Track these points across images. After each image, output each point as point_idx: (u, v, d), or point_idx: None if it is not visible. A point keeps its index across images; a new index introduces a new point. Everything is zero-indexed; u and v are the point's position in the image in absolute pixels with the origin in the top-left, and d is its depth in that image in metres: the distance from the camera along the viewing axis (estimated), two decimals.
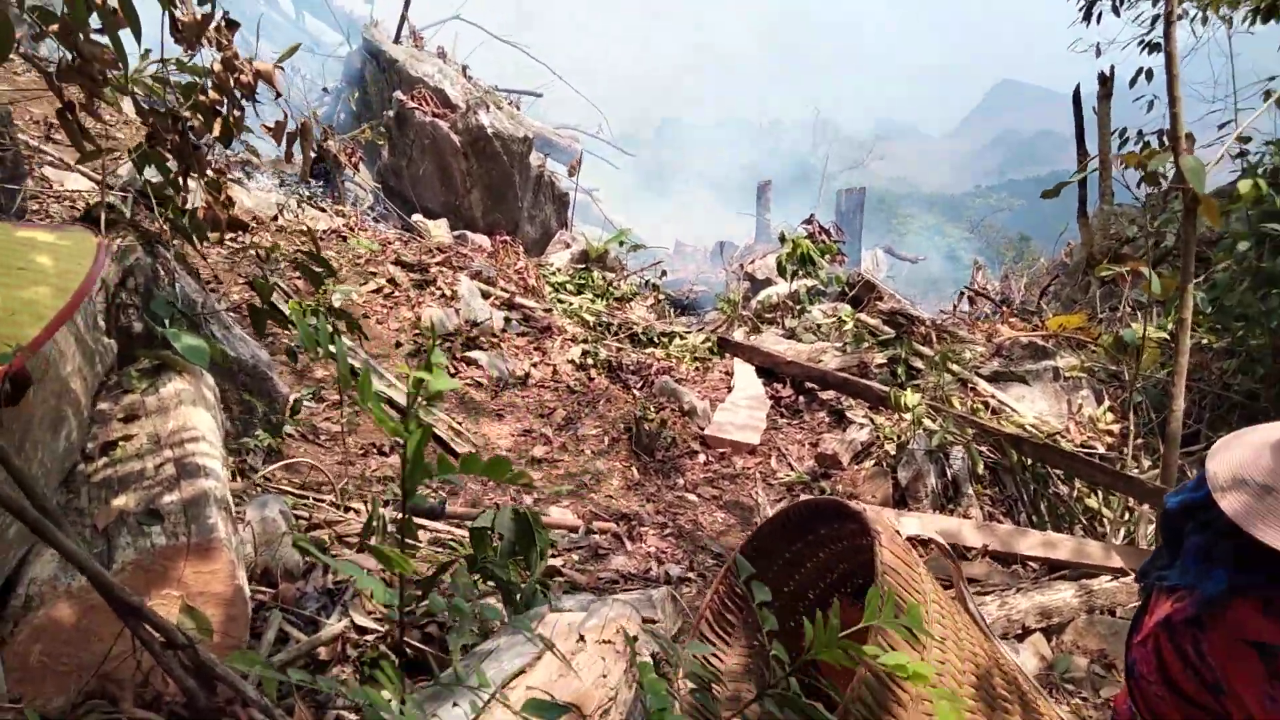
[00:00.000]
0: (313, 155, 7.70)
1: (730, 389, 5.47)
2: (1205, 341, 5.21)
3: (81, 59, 2.42)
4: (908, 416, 4.24)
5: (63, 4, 2.34)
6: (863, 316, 6.45)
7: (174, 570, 1.78)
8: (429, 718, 1.50)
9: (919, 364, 5.38)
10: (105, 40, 2.46)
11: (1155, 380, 4.90)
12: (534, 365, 5.28)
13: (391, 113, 8.86)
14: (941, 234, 31.55)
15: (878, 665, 1.78)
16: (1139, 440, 4.25)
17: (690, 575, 3.43)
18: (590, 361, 5.43)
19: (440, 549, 3.07)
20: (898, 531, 2.11)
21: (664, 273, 8.52)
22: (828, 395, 5.25)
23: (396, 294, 5.62)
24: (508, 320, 5.75)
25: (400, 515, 2.70)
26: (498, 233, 7.61)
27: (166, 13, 2.72)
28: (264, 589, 2.22)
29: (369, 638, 2.11)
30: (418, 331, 5.30)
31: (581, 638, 1.82)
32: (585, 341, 5.71)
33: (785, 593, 2.55)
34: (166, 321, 2.91)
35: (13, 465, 1.42)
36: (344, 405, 4.00)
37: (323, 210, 6.66)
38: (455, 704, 1.51)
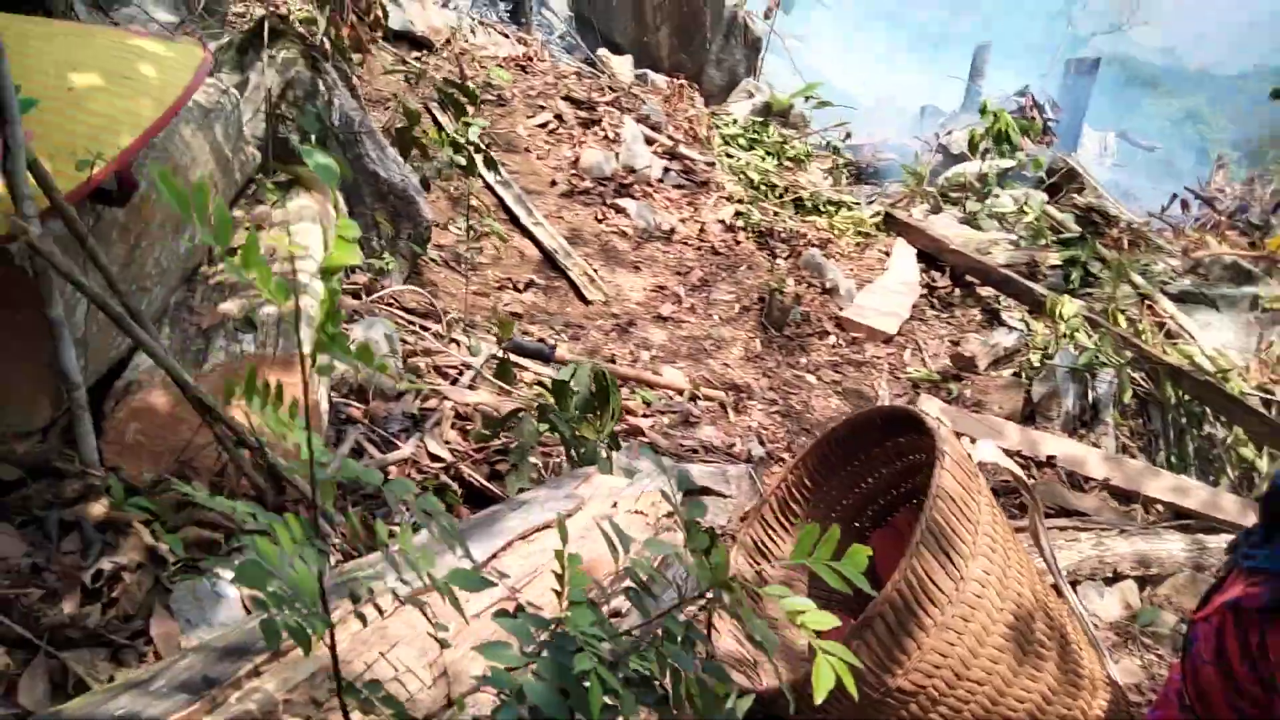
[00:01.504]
0: None
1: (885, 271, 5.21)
2: None
3: None
4: (1060, 327, 3.89)
5: None
6: (1050, 209, 5.86)
7: (260, 377, 1.95)
8: (441, 552, 1.61)
9: (1100, 271, 4.87)
10: None
11: None
12: (682, 220, 5.21)
13: None
14: (1198, 121, 27.52)
15: (904, 584, 1.73)
16: None
17: (785, 456, 3.42)
18: (741, 224, 5.29)
19: (545, 390, 3.20)
20: (968, 455, 1.99)
21: (848, 135, 8.03)
22: (987, 292, 4.89)
23: (561, 130, 5.63)
24: (666, 170, 5.66)
25: (500, 353, 2.81)
26: (683, 76, 7.35)
27: None
28: (357, 404, 2.41)
29: (437, 465, 2.27)
30: (575, 171, 5.32)
31: (615, 504, 1.88)
32: (740, 202, 5.54)
33: (857, 493, 2.49)
34: (312, 138, 3.06)
35: (100, 263, 1.57)
36: (469, 235, 4.12)
37: (505, 36, 6.66)
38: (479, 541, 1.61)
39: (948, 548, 1.78)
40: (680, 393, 3.63)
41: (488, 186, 4.99)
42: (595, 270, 4.59)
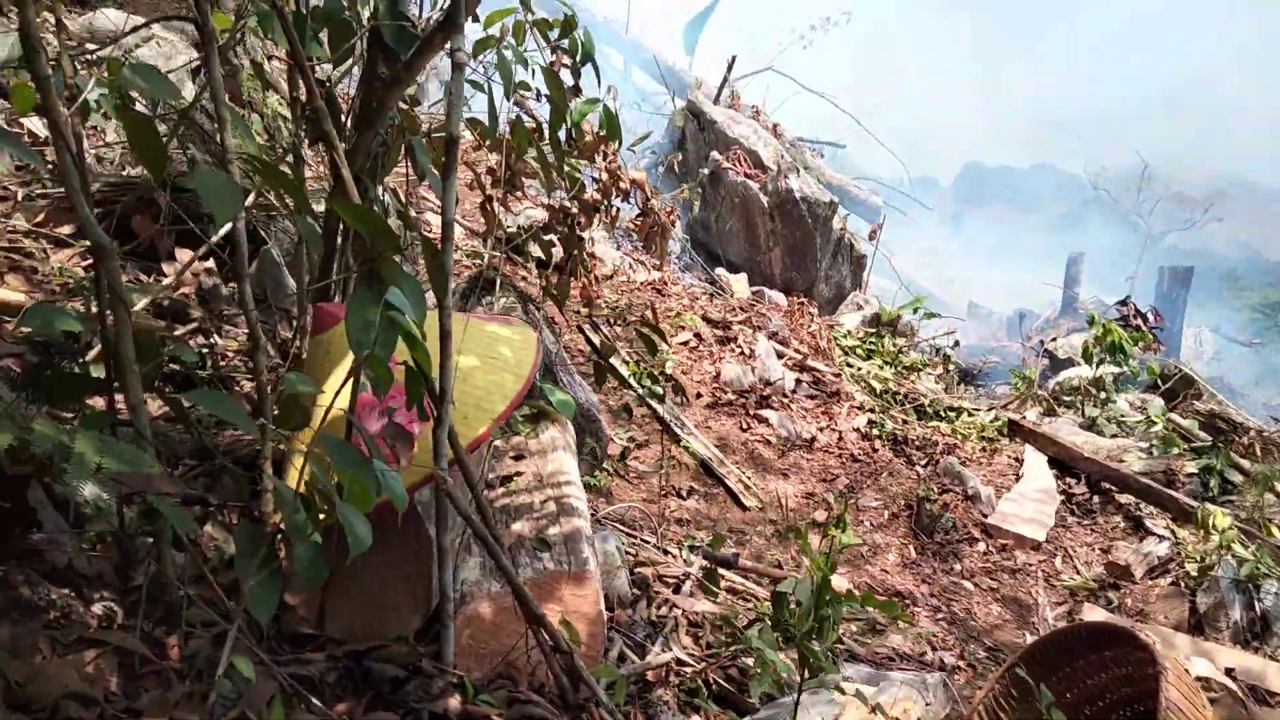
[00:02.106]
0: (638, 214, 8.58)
1: (1018, 477, 5.43)
2: None
3: (512, 173, 3.13)
4: (1215, 538, 4.03)
5: (509, 129, 3.06)
6: (1175, 416, 6.06)
7: (557, 590, 2.32)
8: None
9: (1236, 478, 5.01)
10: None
11: None
12: (820, 429, 5.59)
13: (707, 171, 9.58)
14: None
15: None
16: None
17: (960, 664, 3.57)
18: (876, 432, 5.64)
19: (734, 596, 3.48)
20: (1186, 670, 2.19)
21: (956, 343, 8.45)
22: (1125, 499, 5.05)
23: (700, 348, 6.18)
24: (798, 382, 6.10)
25: (704, 562, 3.14)
26: (794, 292, 8.00)
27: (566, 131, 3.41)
28: (605, 612, 2.74)
29: (686, 670, 2.55)
30: (717, 385, 5.80)
31: (874, 709, 2.13)
32: (871, 411, 5.92)
33: (1063, 703, 2.65)
34: (538, 377, 3.58)
35: (481, 502, 2.00)
36: (664, 457, 4.54)
37: (642, 264, 7.43)
38: None
39: None
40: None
41: (644, 401, 5.49)
42: (749, 478, 4.94)
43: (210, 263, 3.59)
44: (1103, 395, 6.84)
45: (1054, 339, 8.88)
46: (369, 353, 1.36)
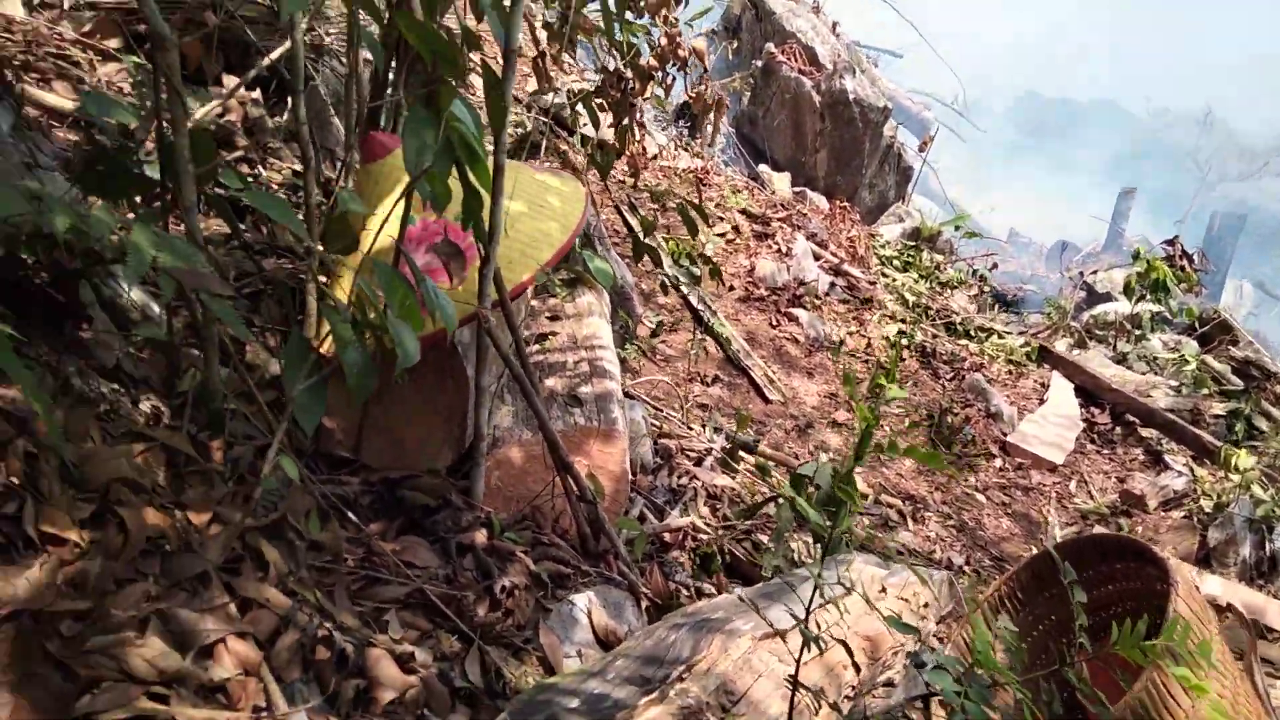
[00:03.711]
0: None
1: (1042, 401, 5.41)
2: None
3: (569, 25, 3.02)
4: (1235, 478, 4.03)
5: None
6: (1209, 359, 5.98)
7: (586, 445, 2.35)
8: (758, 609, 1.94)
9: (1263, 424, 4.98)
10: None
11: None
12: (850, 333, 5.55)
13: (760, 63, 9.26)
14: None
15: (1145, 695, 1.96)
16: None
17: (966, 569, 3.63)
18: (905, 342, 5.60)
19: (752, 476, 3.53)
20: (1197, 588, 2.21)
21: (995, 265, 8.30)
22: (1147, 433, 5.04)
23: (737, 240, 6.10)
24: (833, 285, 6.04)
25: (728, 443, 3.17)
26: (837, 196, 7.83)
27: None
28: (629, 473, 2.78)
29: (702, 537, 2.61)
30: (750, 280, 5.75)
31: (884, 589, 2.17)
32: (903, 321, 5.87)
33: (1054, 619, 2.70)
34: (578, 243, 3.55)
35: (522, 349, 2.01)
36: (694, 340, 4.54)
37: (686, 150, 7.26)
38: (784, 607, 1.93)
39: (1185, 665, 2.00)
40: (864, 498, 3.90)
41: (675, 287, 5.46)
42: (773, 372, 4.95)
43: (257, 93, 3.53)
44: (1138, 332, 6.74)
45: (1094, 272, 8.71)
46: (428, 167, 1.33)
